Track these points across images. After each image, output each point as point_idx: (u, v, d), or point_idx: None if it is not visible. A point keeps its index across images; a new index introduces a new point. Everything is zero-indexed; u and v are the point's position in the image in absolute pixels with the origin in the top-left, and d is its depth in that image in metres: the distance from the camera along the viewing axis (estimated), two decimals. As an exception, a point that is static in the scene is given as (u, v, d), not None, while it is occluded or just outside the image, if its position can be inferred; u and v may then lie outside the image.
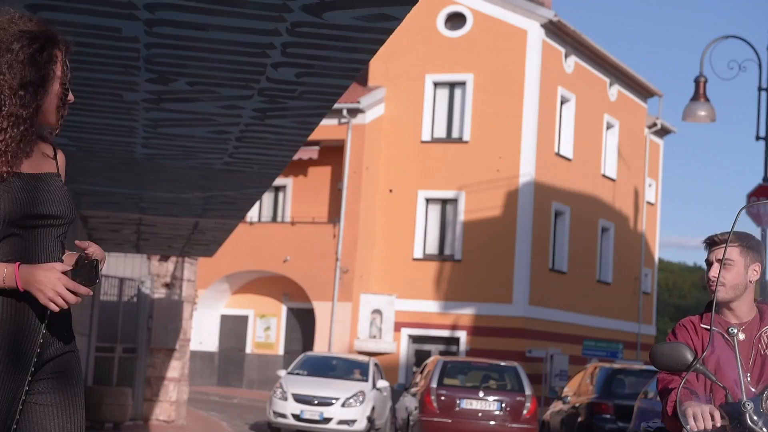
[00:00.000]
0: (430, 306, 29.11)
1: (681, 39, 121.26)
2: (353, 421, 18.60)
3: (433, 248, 29.79)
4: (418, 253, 29.62)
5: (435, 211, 29.89)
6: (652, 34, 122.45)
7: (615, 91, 33.52)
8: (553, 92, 29.79)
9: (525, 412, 16.75)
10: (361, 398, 18.80)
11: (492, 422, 16.54)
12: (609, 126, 33.41)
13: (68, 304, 2.90)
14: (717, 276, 4.10)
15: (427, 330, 29.17)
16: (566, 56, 30.47)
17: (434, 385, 16.81)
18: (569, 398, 17.95)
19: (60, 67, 3.00)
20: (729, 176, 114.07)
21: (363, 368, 20.09)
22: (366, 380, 19.58)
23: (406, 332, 29.32)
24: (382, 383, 19.76)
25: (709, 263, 4.21)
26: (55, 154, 3.13)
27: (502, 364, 18.22)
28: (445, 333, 29.11)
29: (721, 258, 4.08)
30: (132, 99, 6.80)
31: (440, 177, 29.42)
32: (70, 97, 3.04)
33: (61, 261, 3.04)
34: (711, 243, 4.22)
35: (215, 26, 5.24)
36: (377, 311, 29.15)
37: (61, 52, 3.01)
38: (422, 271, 29.36)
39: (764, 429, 3.63)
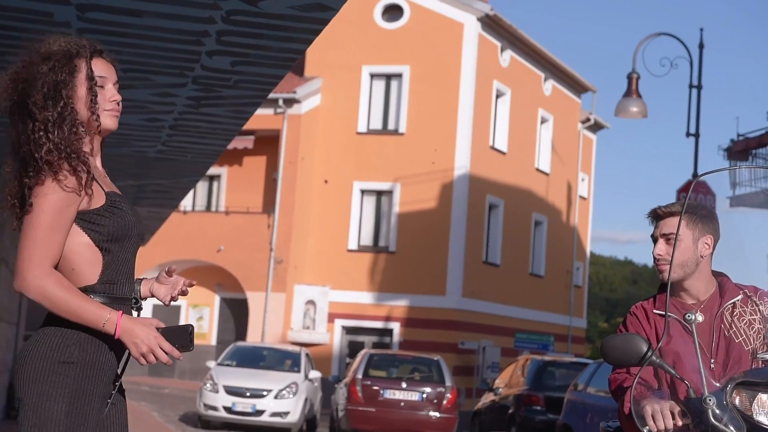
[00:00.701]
0: (364, 297, 29.14)
1: (615, 35, 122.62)
2: (286, 413, 18.25)
3: (367, 240, 29.81)
4: (352, 245, 29.62)
5: (370, 202, 29.91)
6: (586, 29, 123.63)
7: (549, 85, 33.80)
8: (488, 86, 29.96)
9: (445, 402, 17.44)
10: (294, 389, 18.44)
11: (413, 411, 17.28)
12: (543, 120, 33.69)
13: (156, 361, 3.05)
14: (663, 254, 3.74)
15: (360, 321, 29.21)
16: (502, 50, 30.65)
17: (359, 376, 17.63)
18: (500, 390, 18.10)
19: (84, 76, 3.13)
20: (660, 172, 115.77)
21: (294, 359, 19.75)
22: (298, 371, 19.22)
23: (339, 323, 29.32)
24: (314, 374, 19.55)
25: (655, 239, 3.80)
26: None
27: (425, 357, 19.07)
28: (378, 324, 29.16)
29: (666, 233, 3.73)
30: (64, 85, 6.70)
31: (376, 168, 29.44)
32: (114, 96, 3.18)
33: (139, 281, 3.27)
34: (655, 216, 3.81)
35: (149, 12, 5.19)
36: (311, 302, 29.10)
37: (84, 60, 3.16)
38: (356, 262, 29.37)
39: (730, 426, 3.24)
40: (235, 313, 30.95)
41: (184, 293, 3.35)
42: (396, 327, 28.95)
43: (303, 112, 29.42)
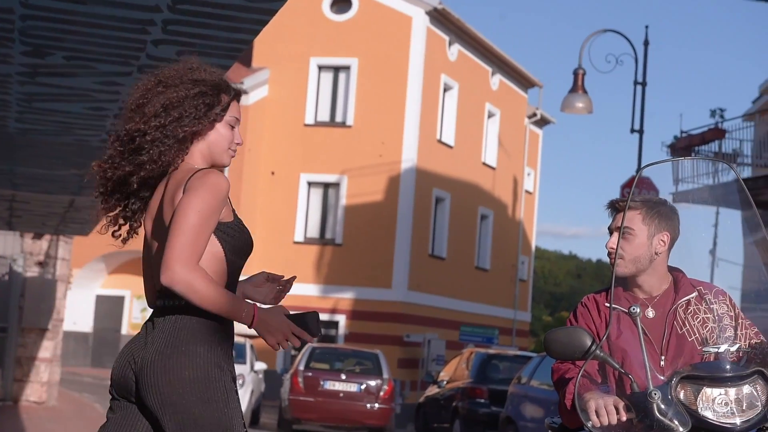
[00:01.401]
0: (309, 289, 29.11)
1: (562, 31, 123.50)
2: None
3: (314, 232, 29.78)
4: (299, 237, 29.58)
5: (317, 194, 29.88)
6: (534, 25, 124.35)
7: (497, 80, 33.97)
8: (436, 79, 30.04)
9: (382, 393, 18.34)
10: (241, 381, 17.92)
11: (351, 402, 18.16)
12: (490, 115, 33.86)
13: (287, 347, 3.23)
14: (615, 247, 3.65)
15: (306, 313, 29.15)
16: (450, 44, 30.75)
17: (302, 368, 18.48)
18: (445, 383, 18.21)
19: (227, 113, 3.32)
20: (605, 167, 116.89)
21: (239, 350, 19.10)
22: (244, 363, 18.80)
23: (285, 315, 29.24)
24: (260, 366, 19.32)
25: (611, 231, 3.72)
26: None
27: (366, 351, 20.08)
28: (324, 317, 29.13)
29: (620, 226, 3.63)
30: (5, 72, 6.62)
31: (323, 161, 29.41)
32: (239, 139, 3.37)
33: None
34: (612, 208, 3.74)
35: (93, 0, 5.14)
36: (256, 294, 28.99)
37: (228, 96, 3.32)
38: (303, 254, 29.34)
39: (674, 420, 3.21)
40: (180, 305, 30.72)
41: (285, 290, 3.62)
42: (341, 319, 28.97)
43: (250, 103, 29.29)
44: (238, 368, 18.50)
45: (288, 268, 29.06)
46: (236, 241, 3.29)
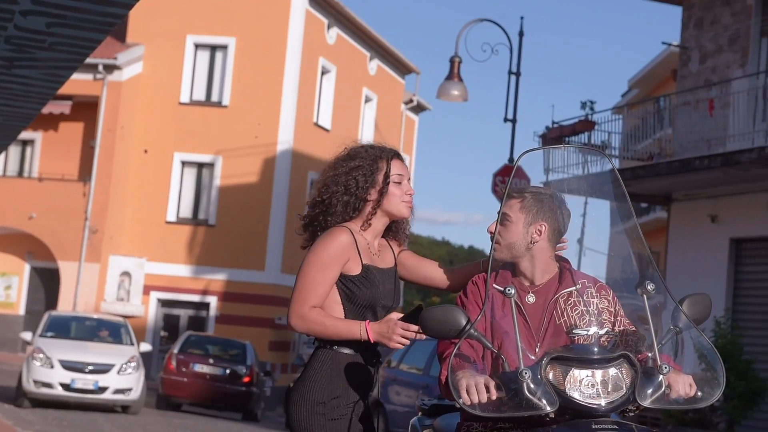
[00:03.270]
0: (181, 270, 28.76)
1: (439, 19, 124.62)
2: (129, 390, 17.12)
3: (187, 212, 29.41)
4: (171, 216, 29.17)
5: (191, 174, 29.49)
6: (413, 11, 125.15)
7: (375, 65, 34.06)
8: (314, 62, 29.94)
9: (244, 378, 20.56)
10: (135, 364, 17.36)
11: (217, 384, 20.29)
12: (368, 99, 33.95)
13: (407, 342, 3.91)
14: (492, 231, 3.76)
15: (177, 294, 28.81)
16: (329, 27, 30.68)
17: (176, 351, 20.67)
18: (315, 365, 18.21)
19: (382, 174, 4.10)
20: (479, 155, 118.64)
21: (122, 330, 18.57)
22: (132, 344, 18.20)
23: (155, 296, 28.85)
24: (145, 347, 18.75)
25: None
26: (393, 249, 4.18)
27: (236, 340, 22.38)
28: (195, 298, 28.85)
29: (498, 212, 3.74)
30: None
31: (197, 140, 29.03)
32: (409, 189, 4.12)
33: None
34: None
35: (-41, -35, 4.94)
36: (126, 273, 28.52)
37: (384, 160, 4.16)
38: (175, 234, 28.94)
39: (543, 400, 3.27)
40: (46, 283, 30.00)
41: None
42: (213, 301, 28.71)
43: (124, 79, 28.70)
44: (130, 349, 17.86)
45: (159, 248, 28.67)
46: (354, 293, 3.96)
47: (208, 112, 29.22)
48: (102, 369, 17.00)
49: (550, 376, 3.36)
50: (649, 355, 3.44)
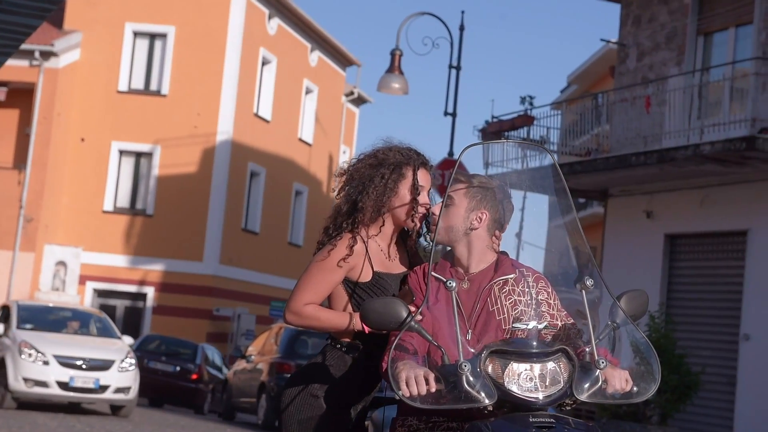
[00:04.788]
0: (118, 260, 28.47)
1: (381, 11, 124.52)
2: (128, 389, 15.55)
3: (124, 201, 29.11)
4: (108, 206, 28.85)
5: (128, 163, 29.19)
6: (354, 3, 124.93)
7: (316, 57, 33.96)
8: (254, 53, 29.78)
9: (192, 375, 23.13)
10: (133, 360, 15.87)
11: (168, 379, 22.73)
12: (308, 91, 33.85)
13: None
14: (435, 212, 3.81)
15: (113, 284, 28.52)
16: (270, 18, 30.53)
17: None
18: (253, 357, 18.16)
19: (408, 183, 4.01)
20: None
21: (104, 323, 16.95)
22: (119, 337, 16.65)
23: (91, 286, 28.54)
24: (128, 339, 17.17)
25: None
26: (408, 255, 4.11)
27: (190, 341, 24.61)
28: (132, 288, 28.58)
29: (444, 194, 3.78)
30: None
31: (136, 129, 28.74)
32: (425, 201, 4.00)
33: None
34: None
35: None
36: (62, 263, 28.15)
37: (410, 168, 4.03)
38: (112, 224, 28.64)
39: (481, 392, 3.28)
40: (-21, 273, 29.50)
41: None
42: (150, 292, 28.47)
43: (61, 66, 28.30)
44: (122, 343, 16.41)
45: (96, 237, 28.34)
46: (365, 301, 3.83)
47: (146, 101, 28.93)
48: (102, 365, 15.37)
49: (489, 369, 3.36)
50: (587, 349, 3.47)
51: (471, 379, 3.29)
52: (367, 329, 3.80)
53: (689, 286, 16.71)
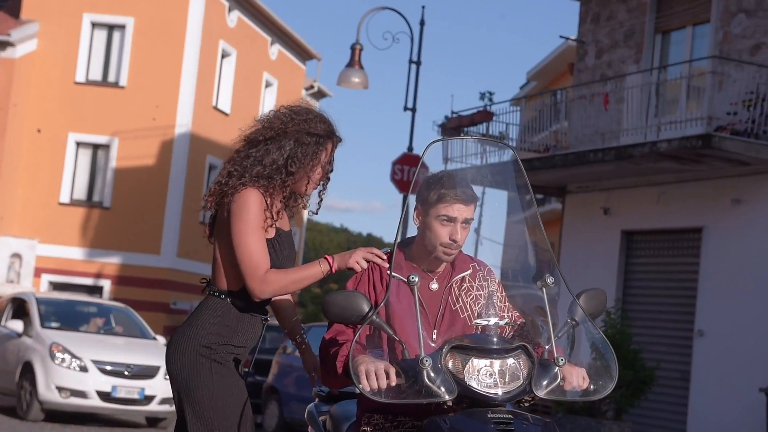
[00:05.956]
0: (74, 253, 28.24)
1: (341, 5, 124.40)
2: (170, 399, 12.81)
3: (81, 194, 28.87)
4: (64, 198, 28.60)
5: (85, 155, 28.95)
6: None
7: (276, 50, 33.86)
8: (214, 45, 29.64)
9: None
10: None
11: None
12: (268, 84, 33.74)
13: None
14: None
15: (69, 277, 28.28)
16: (230, 10, 30.39)
17: None
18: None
19: (327, 157, 4.03)
20: (379, 143, 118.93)
21: (134, 319, 15.31)
22: (154, 338, 14.86)
23: (46, 278, 28.28)
24: (162, 340, 15.32)
25: None
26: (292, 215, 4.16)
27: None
28: (88, 281, 28.36)
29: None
30: None
31: (93, 121, 28.49)
32: (320, 178, 4.04)
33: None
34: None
35: None
36: (17, 255, 27.88)
37: (332, 143, 4.03)
38: (68, 216, 28.39)
39: (442, 387, 3.29)
40: (-68, 265, 29.15)
41: None
42: (107, 284, 28.26)
43: (17, 56, 27.99)
44: (159, 344, 14.73)
45: (52, 229, 28.08)
46: (272, 256, 3.93)
47: (104, 92, 28.69)
48: (146, 372, 13.48)
49: (450, 364, 3.38)
50: (546, 347, 3.50)
51: (432, 374, 3.30)
52: (335, 267, 3.79)
53: (645, 282, 16.87)
